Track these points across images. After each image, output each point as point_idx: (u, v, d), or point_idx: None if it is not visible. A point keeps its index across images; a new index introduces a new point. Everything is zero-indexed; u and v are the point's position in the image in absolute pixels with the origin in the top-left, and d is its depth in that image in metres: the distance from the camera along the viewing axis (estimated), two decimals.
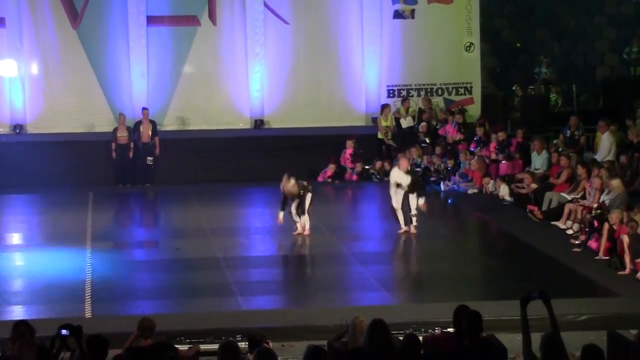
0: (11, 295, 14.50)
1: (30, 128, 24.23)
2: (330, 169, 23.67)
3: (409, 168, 18.01)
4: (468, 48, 25.28)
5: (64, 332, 8.02)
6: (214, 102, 24.73)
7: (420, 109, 24.77)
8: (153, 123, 23.50)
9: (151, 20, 24.34)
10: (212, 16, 24.63)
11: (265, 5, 24.65)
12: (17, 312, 13.43)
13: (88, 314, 13.20)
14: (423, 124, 24.30)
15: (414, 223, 17.58)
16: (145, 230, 20.28)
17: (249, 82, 24.70)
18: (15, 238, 18.86)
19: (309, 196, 17.32)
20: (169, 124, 24.53)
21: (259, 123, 24.68)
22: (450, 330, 9.60)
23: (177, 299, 14.27)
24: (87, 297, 13.90)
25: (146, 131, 23.35)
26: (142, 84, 24.36)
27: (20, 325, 8.72)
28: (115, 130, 23.29)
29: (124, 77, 24.38)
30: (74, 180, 22.77)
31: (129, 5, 24.15)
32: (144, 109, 23.56)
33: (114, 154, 23.18)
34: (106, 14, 24.24)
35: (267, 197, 20.35)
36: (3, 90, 24.07)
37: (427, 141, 23.89)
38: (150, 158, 23.29)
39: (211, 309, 13.53)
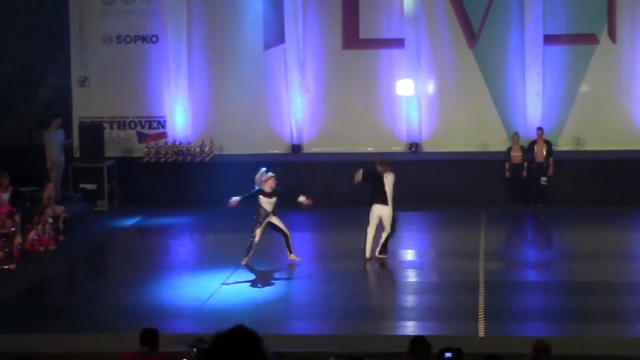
0: (406, 310, 14.82)
1: (425, 146, 24.70)
2: None
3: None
4: None
5: (447, 354, 8.12)
6: (611, 122, 24.01)
7: None
8: (548, 143, 23.23)
9: (548, 39, 24.04)
10: (611, 34, 23.96)
11: None
12: (412, 328, 13.68)
13: (481, 333, 13.21)
14: None
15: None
16: (537, 251, 20.06)
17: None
18: (409, 254, 19.30)
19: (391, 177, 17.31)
20: (563, 144, 24.12)
21: None
22: None
23: (569, 322, 13.95)
24: (480, 316, 13.91)
25: (540, 151, 23.13)
26: (537, 103, 24.12)
27: (418, 341, 8.86)
28: (510, 149, 23.25)
29: (518, 96, 24.25)
30: (467, 198, 22.91)
31: (525, 24, 24.00)
32: (538, 128, 23.35)
33: (507, 174, 23.14)
34: (503, 34, 24.24)
35: None
36: (400, 108, 24.74)
37: None
38: (544, 178, 23.01)
39: (605, 334, 13.11)
